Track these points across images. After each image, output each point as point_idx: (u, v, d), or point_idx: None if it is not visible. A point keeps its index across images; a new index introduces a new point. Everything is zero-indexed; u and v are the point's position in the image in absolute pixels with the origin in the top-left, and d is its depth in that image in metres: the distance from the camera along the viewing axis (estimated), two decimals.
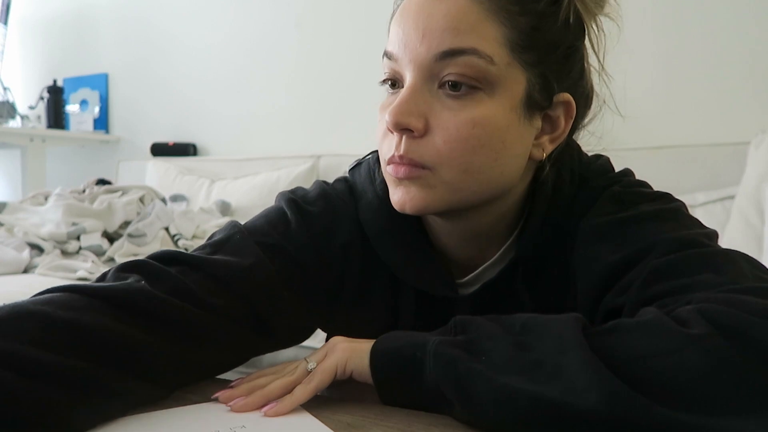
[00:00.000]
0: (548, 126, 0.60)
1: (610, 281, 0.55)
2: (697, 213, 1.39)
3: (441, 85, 0.55)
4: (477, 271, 0.65)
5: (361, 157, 0.72)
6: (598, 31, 0.61)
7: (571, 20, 0.57)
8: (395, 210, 0.59)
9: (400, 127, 0.55)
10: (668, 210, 0.58)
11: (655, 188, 0.64)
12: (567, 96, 0.59)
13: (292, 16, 2.66)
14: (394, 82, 0.58)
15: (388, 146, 0.57)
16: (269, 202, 0.70)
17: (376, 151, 0.69)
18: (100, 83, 3.17)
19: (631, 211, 0.58)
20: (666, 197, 0.61)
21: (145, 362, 0.50)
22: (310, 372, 0.53)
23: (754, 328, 0.42)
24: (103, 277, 0.55)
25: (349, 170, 0.71)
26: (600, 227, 0.59)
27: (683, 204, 0.61)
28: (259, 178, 2.45)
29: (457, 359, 0.47)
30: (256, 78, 2.75)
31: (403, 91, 0.55)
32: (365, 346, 0.53)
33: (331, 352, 0.54)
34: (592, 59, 0.62)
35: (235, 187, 2.47)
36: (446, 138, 0.54)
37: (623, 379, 0.41)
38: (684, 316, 0.44)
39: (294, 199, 0.67)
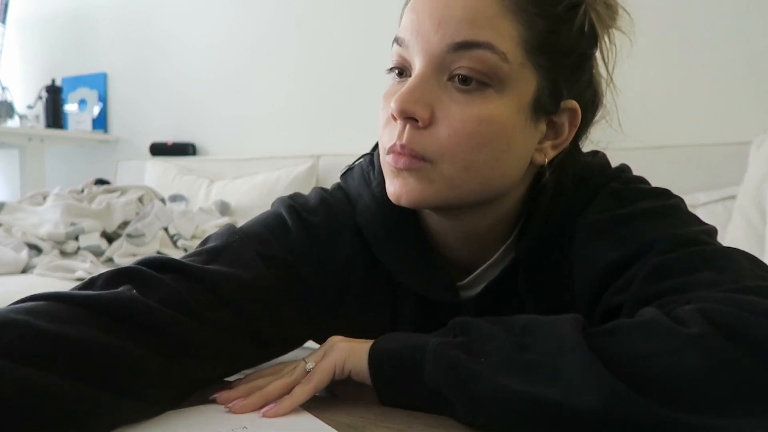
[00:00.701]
0: (552, 132, 0.59)
1: (608, 279, 0.55)
2: (699, 213, 1.37)
3: (451, 78, 0.54)
4: (477, 272, 0.64)
5: (351, 162, 0.70)
6: (610, 43, 0.60)
7: (585, 28, 0.57)
8: (393, 213, 0.58)
9: (405, 115, 0.53)
10: (667, 207, 0.58)
11: None
12: (574, 103, 0.58)
13: (292, 16, 2.65)
14: (402, 70, 0.57)
15: (390, 135, 0.56)
16: (269, 202, 0.68)
17: (368, 154, 0.68)
18: (99, 83, 3.17)
19: (630, 208, 0.57)
20: (665, 194, 0.60)
21: (134, 377, 0.46)
22: (308, 372, 0.52)
23: (754, 327, 0.41)
24: (90, 284, 0.51)
25: (341, 176, 0.69)
26: (598, 224, 0.58)
27: (682, 200, 0.60)
28: (259, 178, 2.44)
29: (457, 361, 0.47)
30: (255, 78, 2.75)
31: (411, 79, 0.54)
32: (364, 345, 0.52)
33: (329, 352, 0.53)
34: (602, 69, 0.62)
35: (235, 187, 2.46)
36: (451, 132, 0.53)
37: (623, 379, 0.41)
38: (683, 316, 0.44)
39: (294, 206, 0.64)
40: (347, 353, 0.52)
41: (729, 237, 1.51)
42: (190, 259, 0.57)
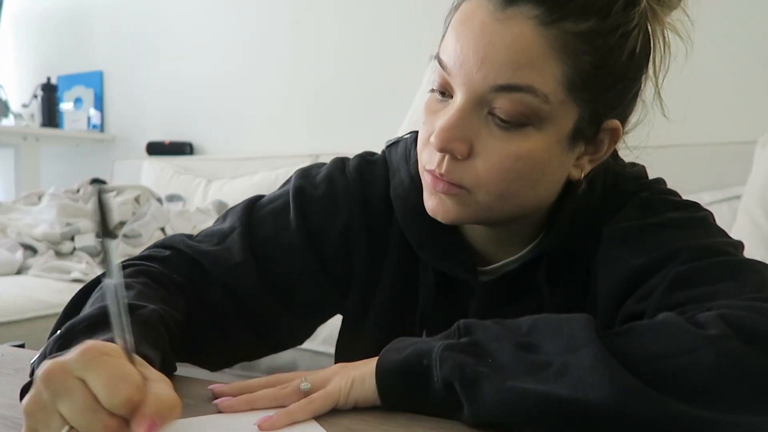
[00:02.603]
0: (591, 148, 0.59)
1: (632, 285, 0.55)
2: None
3: (491, 112, 0.54)
4: (500, 263, 0.65)
5: (401, 135, 0.72)
6: (664, 48, 0.59)
7: (637, 50, 0.55)
8: None
9: (445, 152, 0.55)
10: (695, 218, 0.59)
11: None
12: (615, 123, 0.58)
13: (291, 14, 2.64)
14: (443, 92, 0.57)
15: (429, 156, 0.57)
16: None
17: (416, 132, 0.69)
18: (95, 81, 3.15)
19: (657, 217, 0.58)
20: (694, 206, 0.61)
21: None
22: (303, 391, 0.51)
23: None
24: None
25: (387, 146, 0.72)
26: (625, 231, 0.59)
27: (711, 214, 0.61)
28: (257, 178, 2.43)
29: (463, 363, 0.47)
30: (253, 76, 2.74)
31: (452, 113, 0.54)
32: (368, 368, 0.51)
33: (333, 379, 0.52)
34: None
35: (233, 186, 2.45)
36: (488, 166, 0.54)
37: (637, 376, 0.41)
38: (703, 321, 0.45)
39: (301, 186, 0.69)
40: (351, 382, 0.51)
41: (734, 237, 1.49)
42: (201, 237, 0.68)
